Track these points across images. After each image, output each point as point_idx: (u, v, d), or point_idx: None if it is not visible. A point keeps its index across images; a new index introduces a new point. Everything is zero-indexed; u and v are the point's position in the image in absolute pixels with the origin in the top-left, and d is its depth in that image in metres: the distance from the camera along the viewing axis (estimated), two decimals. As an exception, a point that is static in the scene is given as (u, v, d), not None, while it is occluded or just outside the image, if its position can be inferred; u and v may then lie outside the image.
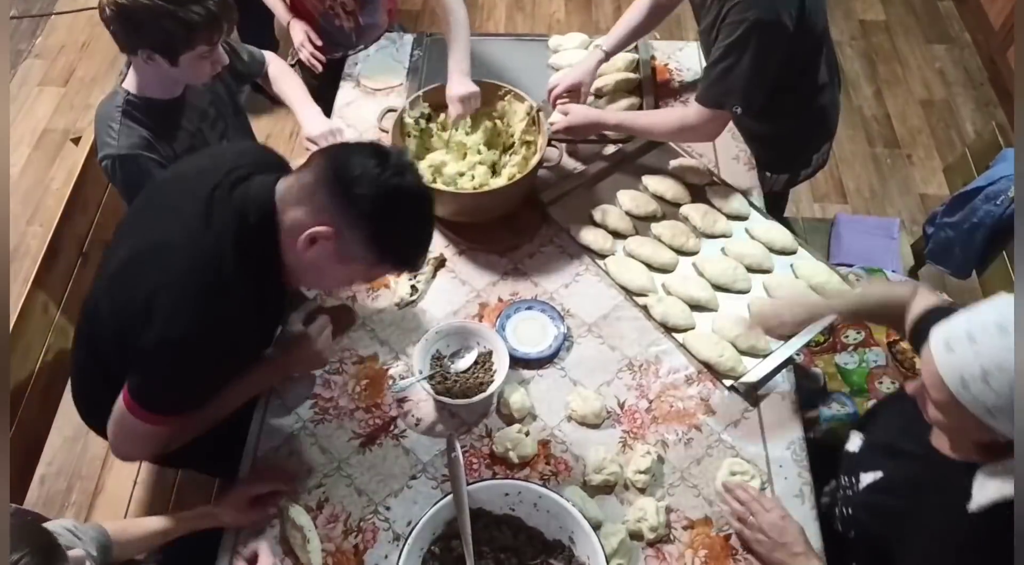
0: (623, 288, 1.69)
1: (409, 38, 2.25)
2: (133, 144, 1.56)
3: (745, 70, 1.67)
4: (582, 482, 1.43)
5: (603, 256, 1.74)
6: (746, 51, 1.65)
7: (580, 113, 1.86)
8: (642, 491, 1.42)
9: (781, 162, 2.06)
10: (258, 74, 1.98)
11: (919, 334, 1.32)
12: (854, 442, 1.38)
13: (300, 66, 2.28)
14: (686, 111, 1.82)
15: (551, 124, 1.83)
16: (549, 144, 1.77)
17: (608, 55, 2.01)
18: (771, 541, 1.30)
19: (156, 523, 1.35)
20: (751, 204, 1.83)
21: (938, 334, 1.05)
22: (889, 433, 1.31)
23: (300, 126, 1.95)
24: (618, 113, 1.94)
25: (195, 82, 1.65)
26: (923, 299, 1.36)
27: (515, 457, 1.44)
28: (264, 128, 3.31)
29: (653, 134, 1.90)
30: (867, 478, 1.29)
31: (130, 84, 1.60)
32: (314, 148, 1.92)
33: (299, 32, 2.20)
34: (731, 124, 1.95)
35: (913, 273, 2.22)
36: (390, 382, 1.57)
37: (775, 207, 2.32)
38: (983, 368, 0.97)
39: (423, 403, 1.54)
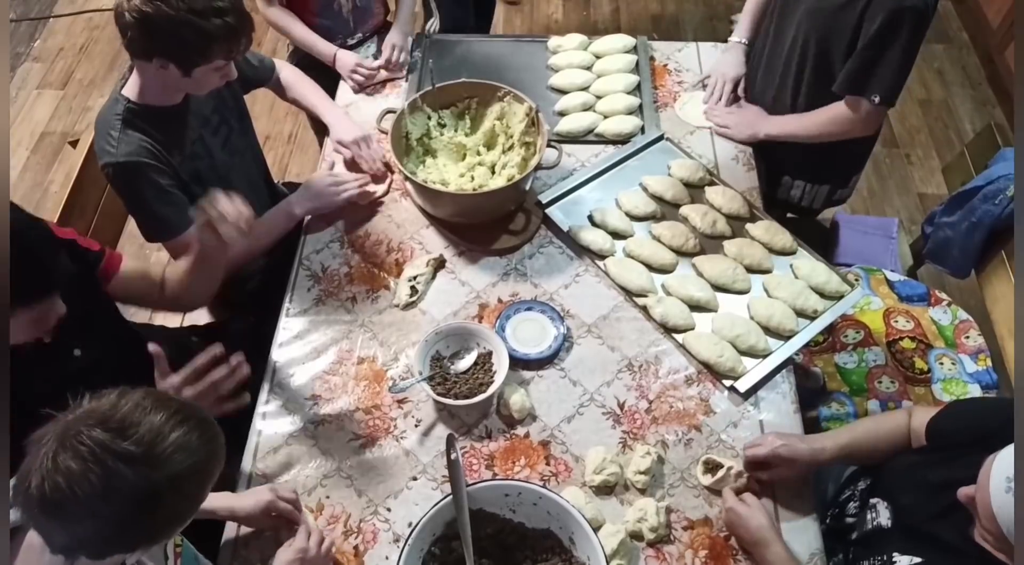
0: (623, 289, 1.69)
1: (409, 39, 2.25)
2: (131, 151, 1.55)
3: (894, 61, 1.70)
4: (582, 483, 1.43)
5: (603, 257, 1.74)
6: (896, 41, 1.66)
7: (740, 126, 1.97)
8: (642, 491, 1.42)
9: (827, 169, 2.07)
10: (267, 81, 1.98)
11: (940, 427, 1.33)
12: (882, 514, 1.32)
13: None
14: (836, 107, 1.85)
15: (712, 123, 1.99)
16: (548, 145, 1.77)
17: (749, 45, 2.09)
18: (731, 534, 1.33)
19: None
20: (750, 204, 1.83)
21: (1000, 468, 1.01)
22: (922, 514, 1.24)
23: (329, 129, 1.95)
24: (772, 124, 1.97)
25: (199, 93, 1.64)
26: (927, 411, 1.36)
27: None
28: (263, 130, 3.32)
29: (810, 137, 1.93)
30: (903, 561, 1.23)
31: (131, 90, 1.59)
32: (345, 152, 1.92)
33: (350, 58, 2.13)
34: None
35: (912, 273, 2.22)
36: (390, 383, 1.57)
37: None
38: None
39: (423, 404, 1.54)
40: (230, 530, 1.39)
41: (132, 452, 0.90)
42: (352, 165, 1.93)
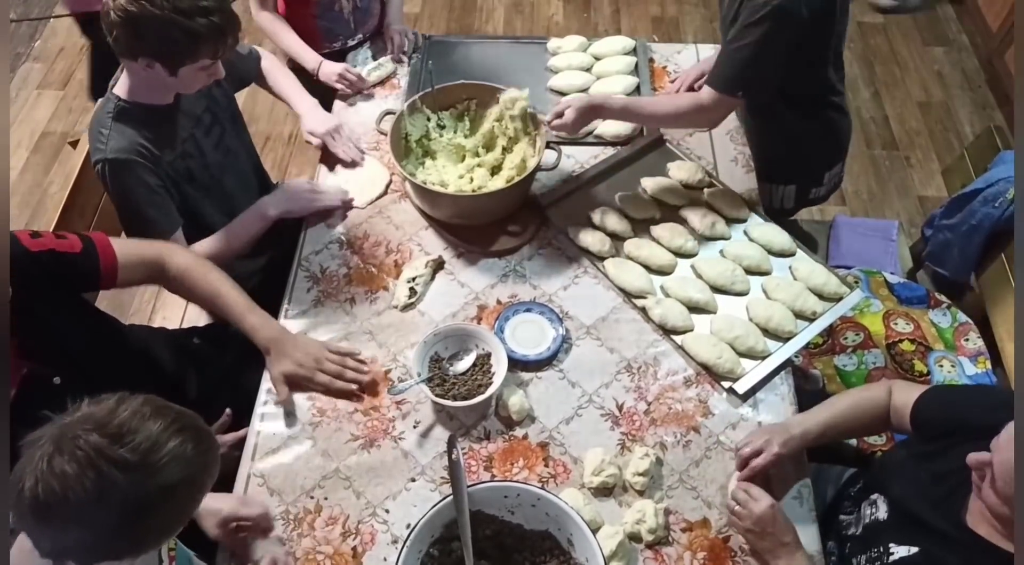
0: (622, 290, 1.69)
1: (407, 28, 2.24)
2: (122, 148, 1.56)
3: (749, 54, 1.64)
4: (580, 484, 1.43)
5: (602, 258, 1.74)
6: (755, 35, 1.62)
7: (577, 104, 1.75)
8: (641, 493, 1.42)
9: (786, 170, 2.03)
10: (255, 74, 1.98)
11: (924, 417, 1.34)
12: (880, 508, 1.33)
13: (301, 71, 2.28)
14: (698, 95, 1.75)
15: (549, 122, 1.77)
16: (548, 146, 1.77)
17: None
18: (760, 530, 1.30)
19: None
20: (749, 206, 1.83)
21: None
22: (917, 505, 1.25)
23: (300, 120, 1.95)
24: (620, 100, 1.83)
25: (187, 92, 1.64)
26: (907, 389, 1.37)
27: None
28: (263, 131, 3.32)
29: (657, 119, 1.86)
30: (900, 551, 1.24)
31: (121, 89, 1.60)
32: (316, 142, 1.93)
33: (335, 66, 2.09)
34: (736, 126, 1.97)
35: (912, 275, 2.22)
36: (389, 384, 1.56)
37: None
38: None
39: (422, 405, 1.54)
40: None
41: (128, 459, 0.89)
42: (326, 154, 1.94)
